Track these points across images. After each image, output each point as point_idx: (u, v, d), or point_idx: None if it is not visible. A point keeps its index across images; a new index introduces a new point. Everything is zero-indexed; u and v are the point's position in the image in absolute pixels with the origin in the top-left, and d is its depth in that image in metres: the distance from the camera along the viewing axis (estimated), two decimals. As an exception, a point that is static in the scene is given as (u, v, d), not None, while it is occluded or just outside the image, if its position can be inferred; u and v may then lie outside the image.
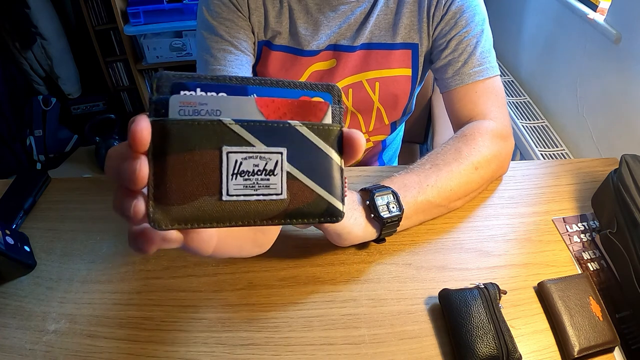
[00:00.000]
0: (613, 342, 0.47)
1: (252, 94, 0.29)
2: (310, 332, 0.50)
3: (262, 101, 0.28)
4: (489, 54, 0.71)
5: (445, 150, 0.63)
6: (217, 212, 0.28)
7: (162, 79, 0.28)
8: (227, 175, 0.27)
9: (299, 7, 0.73)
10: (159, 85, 0.28)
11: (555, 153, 1.33)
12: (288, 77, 0.77)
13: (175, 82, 0.28)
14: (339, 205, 0.31)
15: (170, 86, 0.28)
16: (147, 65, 2.09)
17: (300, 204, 0.29)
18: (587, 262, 0.57)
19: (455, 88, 0.71)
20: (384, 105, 0.81)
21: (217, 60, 0.71)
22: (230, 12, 0.72)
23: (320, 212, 0.30)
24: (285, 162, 0.28)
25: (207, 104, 0.27)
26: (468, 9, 0.70)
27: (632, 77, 1.06)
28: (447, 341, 0.49)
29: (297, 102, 0.29)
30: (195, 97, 0.28)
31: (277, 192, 0.28)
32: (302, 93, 0.30)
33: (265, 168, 0.28)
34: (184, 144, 0.27)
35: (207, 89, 0.28)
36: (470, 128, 0.66)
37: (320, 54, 0.76)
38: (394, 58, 0.76)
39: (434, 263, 0.57)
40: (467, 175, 0.61)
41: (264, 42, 0.75)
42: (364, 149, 0.33)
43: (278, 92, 0.29)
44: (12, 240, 0.57)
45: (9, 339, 0.51)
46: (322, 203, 0.30)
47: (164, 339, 0.50)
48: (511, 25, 1.74)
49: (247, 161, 0.28)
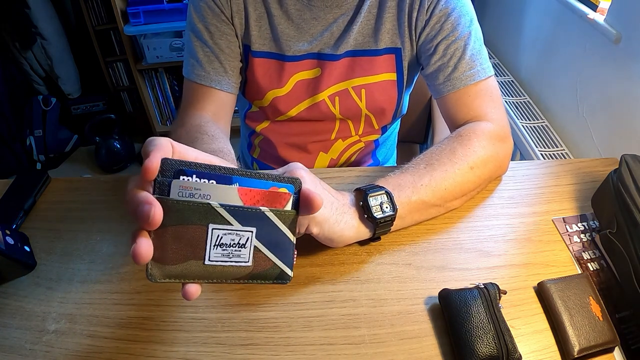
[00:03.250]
0: (613, 342, 0.47)
1: (235, 182, 0.37)
2: (310, 332, 0.50)
3: (242, 190, 0.37)
4: (480, 55, 0.70)
5: (440, 150, 0.63)
6: (200, 272, 0.36)
7: (166, 164, 0.35)
8: (210, 245, 0.36)
9: (279, 13, 0.73)
10: (163, 169, 0.35)
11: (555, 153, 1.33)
12: (272, 84, 0.77)
13: (178, 168, 0.35)
14: (288, 271, 0.40)
15: (173, 171, 0.35)
16: (147, 65, 2.09)
17: (261, 270, 0.38)
18: (587, 262, 0.57)
19: (447, 94, 0.70)
20: (372, 112, 0.81)
21: (202, 67, 0.73)
22: (214, 16, 0.72)
23: (275, 276, 0.39)
24: (254, 239, 0.37)
25: (200, 190, 0.36)
26: (453, 12, 0.69)
27: (632, 77, 1.06)
28: (447, 341, 0.49)
29: (268, 193, 0.39)
30: (192, 183, 0.35)
31: (245, 260, 0.37)
32: (273, 184, 0.39)
33: (239, 242, 0.37)
34: (180, 219, 0.35)
35: (201, 176, 0.36)
36: (466, 129, 0.66)
37: (303, 61, 0.75)
38: (378, 64, 0.75)
39: (434, 263, 0.57)
40: (462, 175, 0.61)
41: (246, 45, 0.76)
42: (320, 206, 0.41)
43: (255, 183, 0.38)
44: (12, 240, 0.57)
45: (9, 339, 0.51)
46: (276, 269, 0.39)
47: (164, 339, 0.50)
48: (511, 25, 1.74)
49: (226, 236, 0.36)
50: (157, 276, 0.35)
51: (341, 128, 0.84)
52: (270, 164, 0.93)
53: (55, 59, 2.11)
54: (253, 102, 0.81)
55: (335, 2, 0.71)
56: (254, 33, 0.74)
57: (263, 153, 0.93)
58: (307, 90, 0.78)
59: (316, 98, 0.78)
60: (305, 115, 0.81)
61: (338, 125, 0.84)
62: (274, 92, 0.77)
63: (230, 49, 0.74)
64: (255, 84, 0.78)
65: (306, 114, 0.80)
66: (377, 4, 0.72)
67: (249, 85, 0.79)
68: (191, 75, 0.74)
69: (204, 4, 0.72)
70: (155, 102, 2.28)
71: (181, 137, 0.67)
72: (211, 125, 0.69)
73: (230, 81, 0.75)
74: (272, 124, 0.85)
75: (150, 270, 0.35)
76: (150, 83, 2.22)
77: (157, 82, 2.22)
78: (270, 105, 0.79)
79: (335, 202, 0.53)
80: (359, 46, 0.74)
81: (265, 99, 0.78)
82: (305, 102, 0.79)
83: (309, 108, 0.79)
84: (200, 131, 0.66)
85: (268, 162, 0.94)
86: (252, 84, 0.78)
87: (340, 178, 0.70)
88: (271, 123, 0.85)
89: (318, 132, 0.85)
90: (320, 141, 0.87)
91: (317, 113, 0.80)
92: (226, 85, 0.74)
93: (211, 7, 0.72)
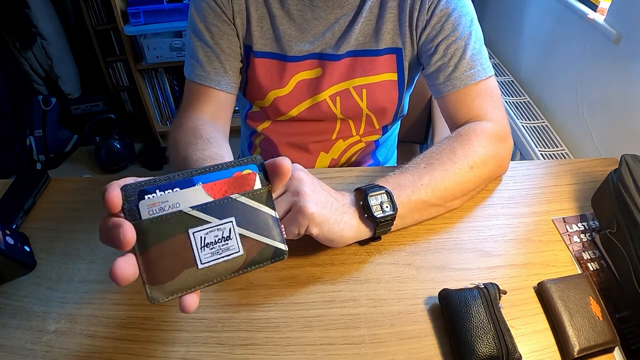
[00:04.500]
0: (613, 342, 0.47)
1: (198, 182, 0.37)
2: (310, 332, 0.50)
3: (207, 186, 0.37)
4: (480, 55, 0.70)
5: (440, 149, 0.63)
6: (198, 278, 0.36)
7: (127, 190, 0.35)
8: (197, 249, 0.36)
9: (281, 13, 0.73)
10: (126, 196, 0.35)
11: (555, 153, 1.33)
12: (274, 84, 0.77)
13: (139, 189, 0.36)
14: (281, 246, 0.40)
15: (137, 194, 0.35)
16: (147, 65, 2.09)
17: (255, 254, 0.38)
18: (587, 262, 0.57)
19: (448, 94, 0.71)
20: (373, 112, 0.81)
21: (202, 67, 0.73)
22: (216, 17, 0.72)
23: (270, 255, 0.39)
24: (236, 227, 0.37)
25: (168, 201, 0.36)
26: (454, 12, 0.69)
27: (632, 77, 1.06)
28: (447, 341, 0.49)
29: (233, 179, 0.38)
30: (158, 198, 0.36)
31: (236, 250, 0.37)
32: (235, 170, 0.39)
33: (223, 236, 0.37)
34: (159, 236, 0.35)
35: (163, 188, 0.36)
36: (466, 128, 0.66)
37: (305, 61, 0.76)
38: (379, 64, 0.76)
39: (434, 263, 0.57)
40: (462, 174, 0.61)
41: (248, 46, 0.76)
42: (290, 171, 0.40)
43: (216, 175, 0.38)
44: (12, 240, 0.57)
45: (9, 339, 0.51)
46: (269, 249, 0.39)
47: (164, 339, 0.50)
48: (511, 25, 1.74)
49: (208, 235, 0.36)
50: (159, 297, 0.35)
51: (342, 128, 0.84)
52: None
53: (55, 59, 2.11)
54: (254, 102, 0.81)
55: (337, 2, 0.71)
56: (256, 33, 0.74)
57: (264, 153, 0.93)
58: (308, 90, 0.78)
59: (317, 98, 0.78)
60: (306, 115, 0.81)
61: (339, 125, 0.84)
62: (275, 92, 0.77)
63: (231, 49, 0.74)
64: (256, 84, 0.78)
65: (307, 114, 0.80)
66: (378, 4, 0.72)
67: (250, 85, 0.79)
68: (191, 75, 0.74)
69: (205, 4, 0.72)
70: (155, 102, 2.28)
71: (178, 139, 0.67)
72: (208, 127, 0.69)
73: (230, 81, 0.75)
74: (273, 124, 0.85)
75: (150, 294, 0.35)
76: (150, 83, 2.22)
77: (157, 82, 2.22)
78: (271, 105, 0.79)
79: (334, 203, 0.53)
80: (360, 46, 0.74)
81: (266, 99, 0.78)
82: (306, 102, 0.79)
83: (309, 108, 0.80)
84: (196, 135, 0.66)
85: None
86: (253, 84, 0.78)
87: (340, 178, 0.70)
88: (272, 123, 0.85)
89: (319, 132, 0.85)
90: (321, 141, 0.87)
91: (318, 113, 0.80)
92: (226, 85, 0.74)
93: (212, 7, 0.72)
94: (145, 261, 0.35)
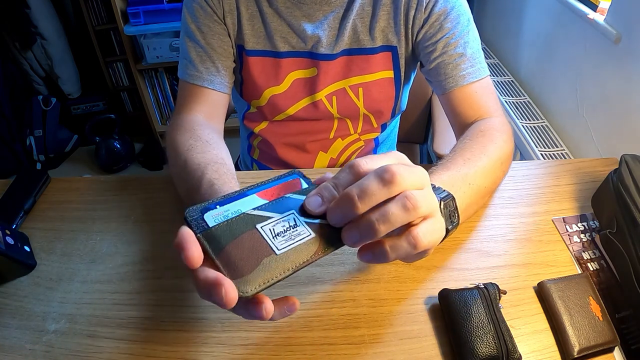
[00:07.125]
0: (613, 342, 0.47)
1: (251, 194, 0.41)
2: (310, 332, 0.50)
3: (261, 194, 0.41)
4: (479, 54, 0.71)
5: (471, 146, 0.61)
6: (280, 264, 0.36)
7: (191, 211, 0.38)
8: (270, 240, 0.37)
9: (270, 11, 0.73)
10: (191, 216, 0.38)
11: (555, 153, 1.33)
12: (270, 82, 0.77)
13: (202, 208, 0.38)
14: None
15: (200, 211, 0.38)
16: (147, 65, 2.09)
17: (325, 237, 0.38)
18: (587, 262, 0.57)
19: (452, 90, 0.71)
20: (370, 110, 0.81)
21: (195, 67, 0.74)
22: (206, 16, 0.73)
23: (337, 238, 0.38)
24: (299, 217, 0.39)
25: (229, 210, 0.39)
26: (452, 10, 0.70)
27: (632, 77, 1.06)
28: (447, 341, 0.49)
29: (281, 185, 0.42)
30: (220, 210, 0.39)
31: (308, 234, 0.37)
32: (279, 181, 0.42)
33: (290, 224, 0.38)
34: (231, 235, 0.37)
35: (222, 203, 0.39)
36: (484, 125, 0.66)
37: (299, 59, 0.76)
38: (375, 62, 0.76)
39: (434, 263, 0.57)
40: (494, 170, 0.60)
41: (240, 45, 0.76)
42: None
43: (266, 186, 0.42)
44: (12, 240, 0.57)
45: (9, 339, 0.51)
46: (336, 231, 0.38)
47: (164, 339, 0.50)
48: (511, 25, 1.74)
49: (276, 227, 0.38)
50: (247, 289, 0.34)
51: (340, 127, 0.84)
52: (270, 165, 0.93)
53: (55, 59, 2.11)
54: (251, 102, 0.81)
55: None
56: (247, 32, 0.74)
57: (262, 154, 0.93)
58: (305, 89, 0.78)
59: (314, 97, 0.78)
60: (303, 115, 0.81)
61: (336, 124, 0.84)
62: (272, 89, 0.77)
63: (223, 48, 0.74)
64: (252, 83, 0.78)
65: (304, 113, 0.80)
66: (370, 2, 0.72)
67: (246, 85, 0.79)
68: (184, 76, 0.74)
69: (196, 4, 0.73)
70: (155, 102, 2.28)
71: (177, 142, 0.66)
72: (204, 128, 0.69)
73: (223, 81, 0.75)
74: (270, 124, 0.85)
75: (239, 288, 0.34)
76: (150, 83, 2.22)
77: (157, 82, 2.22)
78: (268, 103, 0.79)
79: None
80: (354, 45, 0.75)
81: (262, 97, 0.78)
82: (304, 101, 0.79)
83: (306, 107, 0.80)
84: (194, 137, 0.66)
85: (268, 163, 0.94)
86: (249, 83, 0.78)
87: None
88: (269, 124, 0.85)
89: (316, 131, 0.85)
90: (319, 140, 0.86)
91: (315, 112, 0.80)
92: (219, 84, 0.74)
93: (203, 7, 0.72)
94: (224, 260, 0.35)
